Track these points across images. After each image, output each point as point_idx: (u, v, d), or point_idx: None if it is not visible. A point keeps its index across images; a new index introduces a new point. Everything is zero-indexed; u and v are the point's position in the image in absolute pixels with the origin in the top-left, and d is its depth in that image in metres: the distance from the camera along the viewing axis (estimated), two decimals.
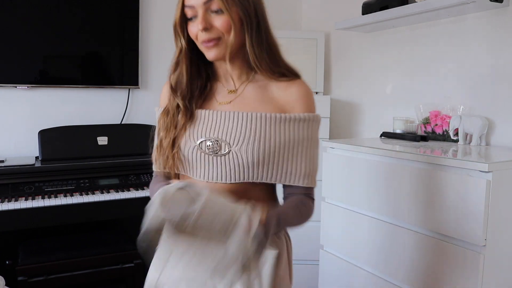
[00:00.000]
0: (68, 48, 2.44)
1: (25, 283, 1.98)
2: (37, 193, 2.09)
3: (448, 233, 1.56)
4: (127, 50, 2.58)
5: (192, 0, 1.03)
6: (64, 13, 2.41)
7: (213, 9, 1.02)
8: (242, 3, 1.03)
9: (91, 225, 2.47)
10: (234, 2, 1.02)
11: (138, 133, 2.47)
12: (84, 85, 2.52)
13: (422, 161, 1.65)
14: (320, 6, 2.97)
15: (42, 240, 2.24)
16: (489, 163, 1.44)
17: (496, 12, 1.91)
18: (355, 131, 2.72)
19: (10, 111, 2.40)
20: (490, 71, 1.95)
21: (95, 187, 2.21)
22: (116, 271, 2.17)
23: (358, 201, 1.92)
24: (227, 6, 1.01)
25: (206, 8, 1.02)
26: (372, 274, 1.87)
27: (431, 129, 2.14)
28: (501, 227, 1.50)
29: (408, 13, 2.06)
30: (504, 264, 1.54)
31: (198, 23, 1.02)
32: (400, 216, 1.73)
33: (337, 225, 2.04)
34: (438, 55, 2.18)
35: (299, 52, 2.74)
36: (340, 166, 2.00)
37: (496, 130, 1.93)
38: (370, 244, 1.86)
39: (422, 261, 1.65)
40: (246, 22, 1.04)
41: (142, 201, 2.18)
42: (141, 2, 2.61)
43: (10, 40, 2.31)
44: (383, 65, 2.50)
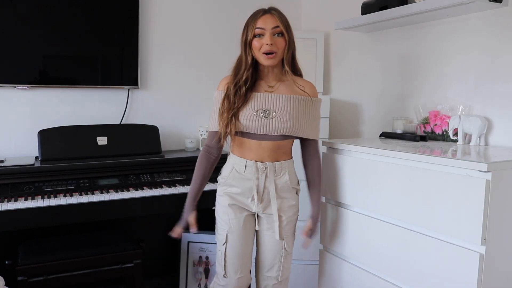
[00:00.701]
0: (67, 48, 2.45)
1: (25, 283, 1.98)
2: (37, 193, 2.10)
3: (447, 233, 1.56)
4: (127, 50, 2.58)
5: (263, 24, 1.67)
6: (63, 13, 2.41)
7: (276, 33, 1.68)
8: (290, 32, 1.71)
9: (91, 225, 2.47)
10: (287, 32, 1.70)
11: (137, 133, 2.47)
12: (84, 85, 2.52)
13: (422, 161, 1.65)
14: (319, 6, 2.97)
15: (42, 240, 2.25)
16: (488, 163, 1.44)
17: (496, 12, 1.91)
18: (354, 131, 2.72)
19: (10, 111, 2.40)
20: (489, 71, 1.95)
21: (94, 187, 2.21)
22: (116, 271, 2.17)
23: (358, 201, 1.92)
24: (285, 33, 1.69)
25: (272, 32, 1.67)
26: (372, 274, 1.87)
27: (430, 129, 2.14)
28: (500, 227, 1.50)
29: (408, 13, 2.06)
30: (503, 264, 1.54)
31: (267, 39, 1.66)
32: (400, 216, 1.74)
33: (337, 225, 2.04)
34: (437, 55, 2.18)
35: (299, 52, 2.69)
36: (340, 166, 2.00)
37: (495, 130, 1.93)
38: (370, 244, 1.87)
39: (420, 260, 1.65)
40: (289, 45, 1.71)
41: (142, 201, 2.20)
42: (141, 2, 2.61)
43: (10, 40, 2.31)
44: (382, 65, 2.50)
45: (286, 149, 1.79)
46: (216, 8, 2.87)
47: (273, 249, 1.81)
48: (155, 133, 2.52)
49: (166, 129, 2.70)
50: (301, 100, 1.74)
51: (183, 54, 2.80)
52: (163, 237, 2.71)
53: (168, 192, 2.26)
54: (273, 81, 1.76)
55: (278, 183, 1.76)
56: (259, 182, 1.75)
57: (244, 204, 1.78)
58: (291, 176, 1.79)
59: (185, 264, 2.65)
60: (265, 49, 1.66)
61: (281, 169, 1.76)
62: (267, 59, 1.68)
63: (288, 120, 1.70)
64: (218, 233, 1.82)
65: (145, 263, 2.26)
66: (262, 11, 1.70)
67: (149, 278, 2.61)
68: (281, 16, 1.70)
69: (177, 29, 2.77)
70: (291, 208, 1.80)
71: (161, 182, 2.35)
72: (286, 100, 1.72)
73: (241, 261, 1.79)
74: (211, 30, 2.86)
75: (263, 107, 1.70)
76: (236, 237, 1.77)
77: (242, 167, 1.76)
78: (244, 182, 1.76)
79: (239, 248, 1.78)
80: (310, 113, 1.76)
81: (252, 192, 1.75)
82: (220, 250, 1.80)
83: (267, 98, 1.72)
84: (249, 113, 1.70)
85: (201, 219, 2.44)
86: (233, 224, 1.77)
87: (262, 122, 1.69)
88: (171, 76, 2.77)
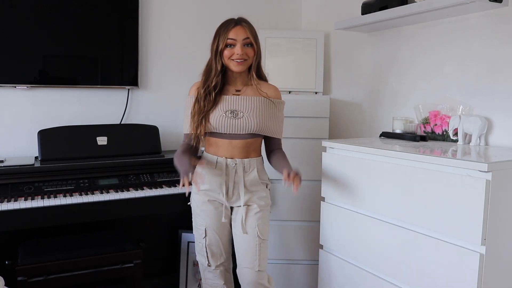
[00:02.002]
0: (67, 48, 2.45)
1: (24, 283, 1.98)
2: (37, 193, 2.09)
3: (447, 233, 1.56)
4: (127, 50, 2.58)
5: (235, 35, 1.81)
6: (63, 13, 2.41)
7: (246, 43, 1.83)
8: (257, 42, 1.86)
9: (91, 225, 2.47)
10: (256, 42, 1.85)
11: (137, 133, 2.47)
12: (84, 85, 2.52)
13: (422, 161, 1.65)
14: (319, 6, 2.97)
15: (42, 240, 2.25)
16: (488, 163, 1.44)
17: (496, 12, 1.91)
18: (354, 131, 2.72)
19: (9, 111, 2.40)
20: (489, 71, 1.95)
21: (94, 187, 2.21)
22: (116, 271, 2.17)
23: (358, 201, 1.92)
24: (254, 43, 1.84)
25: (243, 43, 1.82)
26: (372, 274, 1.87)
27: (430, 129, 2.14)
28: (500, 227, 1.50)
29: (408, 13, 2.06)
30: (503, 264, 1.54)
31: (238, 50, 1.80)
32: (400, 216, 1.74)
33: (337, 225, 2.04)
34: (437, 55, 2.18)
35: (299, 52, 2.74)
36: (340, 166, 2.00)
37: (496, 130, 1.93)
38: (370, 244, 1.87)
39: (420, 260, 1.65)
40: (257, 54, 1.87)
41: (141, 201, 2.20)
42: (141, 2, 2.61)
43: (9, 40, 2.31)
44: (382, 65, 2.50)
45: (255, 147, 1.91)
46: (215, 8, 2.87)
47: (247, 239, 1.88)
48: (155, 133, 2.52)
49: (166, 129, 2.70)
50: (265, 102, 1.88)
51: (183, 54, 2.80)
52: (163, 237, 2.72)
53: (168, 192, 2.26)
54: (240, 85, 1.91)
55: (247, 178, 1.88)
56: (229, 178, 1.86)
57: (218, 199, 1.89)
58: (259, 172, 1.91)
59: (185, 264, 2.65)
60: (236, 57, 1.81)
61: (249, 165, 1.88)
62: (237, 65, 1.82)
63: (254, 119, 1.84)
64: (197, 227, 1.93)
65: (145, 263, 2.26)
66: (233, 23, 1.83)
67: (149, 278, 2.61)
68: (250, 28, 1.84)
69: (177, 29, 2.77)
70: (262, 199, 1.90)
71: (161, 182, 2.35)
72: (252, 102, 1.87)
73: (220, 250, 1.93)
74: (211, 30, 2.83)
75: (231, 108, 1.85)
76: (214, 230, 1.90)
77: (213, 164, 1.87)
78: (215, 178, 1.87)
79: (218, 240, 1.91)
80: (274, 114, 1.91)
81: (223, 187, 1.86)
82: (201, 243, 1.92)
83: (235, 100, 1.87)
84: (219, 114, 1.84)
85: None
86: (211, 219, 1.89)
87: (231, 122, 1.83)
88: (171, 76, 2.77)
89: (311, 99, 2.53)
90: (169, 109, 2.76)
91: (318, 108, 2.49)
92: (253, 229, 1.87)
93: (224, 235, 1.94)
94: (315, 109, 2.49)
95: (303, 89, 2.71)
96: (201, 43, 2.83)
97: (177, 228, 2.70)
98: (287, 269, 2.56)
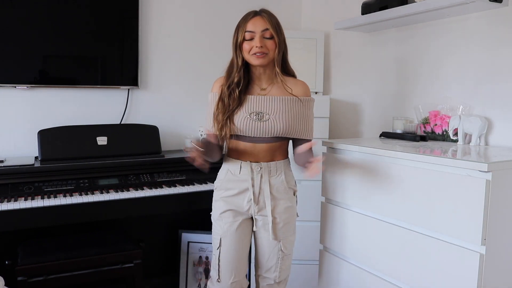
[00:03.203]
0: (67, 48, 2.44)
1: (24, 283, 1.98)
2: (37, 193, 2.09)
3: (447, 233, 1.56)
4: (127, 50, 2.58)
5: (253, 27, 1.68)
6: (63, 13, 2.40)
7: (266, 36, 1.69)
8: (280, 34, 1.71)
9: (91, 225, 2.47)
10: (278, 34, 1.70)
11: (137, 133, 2.47)
12: (84, 85, 2.52)
13: (422, 161, 1.65)
14: (319, 6, 2.97)
15: (42, 240, 2.25)
16: (488, 163, 1.44)
17: (496, 12, 1.91)
18: (354, 131, 2.72)
19: (9, 111, 2.40)
20: (489, 71, 1.95)
21: (94, 187, 2.21)
22: (116, 271, 2.17)
23: (358, 201, 1.92)
24: (275, 35, 1.69)
25: (262, 35, 1.68)
26: (372, 274, 1.87)
27: (430, 129, 2.14)
28: (500, 227, 1.50)
29: (408, 13, 2.06)
30: (503, 264, 1.54)
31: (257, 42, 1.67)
32: (400, 216, 1.74)
33: (337, 225, 2.04)
34: (437, 55, 2.18)
35: (299, 52, 2.74)
36: (340, 166, 2.00)
37: (496, 130, 1.93)
38: (370, 244, 1.87)
39: (421, 260, 1.65)
40: (279, 47, 1.71)
41: (141, 201, 2.20)
42: (141, 2, 2.61)
43: (9, 40, 2.31)
44: (382, 65, 2.50)
45: (281, 150, 1.80)
46: (215, 8, 2.87)
47: (269, 251, 1.80)
48: (155, 133, 2.51)
49: (166, 129, 2.70)
50: (293, 101, 1.74)
51: (183, 54, 2.80)
52: (163, 237, 2.72)
53: (168, 192, 2.26)
54: (265, 84, 1.77)
55: (273, 183, 1.76)
56: (255, 183, 1.74)
57: (240, 207, 1.76)
58: (287, 176, 1.79)
59: (185, 264, 2.65)
60: (255, 50, 1.68)
61: (276, 169, 1.76)
62: (256, 59, 1.69)
63: (281, 122, 1.71)
64: (213, 238, 1.81)
65: (145, 263, 2.26)
66: (252, 14, 1.71)
67: (149, 278, 2.61)
68: (271, 19, 1.70)
69: (177, 29, 2.77)
70: (287, 210, 1.78)
71: (161, 182, 2.35)
72: (278, 102, 1.73)
73: (235, 265, 1.77)
74: (211, 30, 2.86)
75: (256, 110, 1.72)
76: (229, 241, 1.76)
77: (237, 169, 1.76)
78: (239, 184, 1.76)
79: (233, 253, 1.76)
80: (303, 113, 1.76)
81: (247, 193, 1.75)
82: (215, 255, 1.79)
83: (260, 100, 1.73)
84: (243, 116, 1.72)
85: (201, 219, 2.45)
86: (227, 229, 1.76)
87: (256, 125, 1.71)
88: (171, 76, 2.77)
89: None
90: (169, 109, 2.76)
91: (318, 108, 2.48)
92: (276, 244, 1.78)
93: (241, 248, 1.78)
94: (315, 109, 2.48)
95: None
96: (201, 43, 2.84)
97: (177, 228, 2.70)
98: None
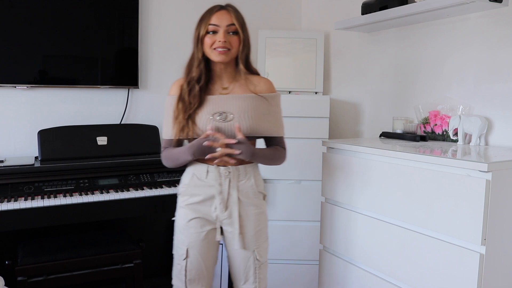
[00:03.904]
0: (67, 48, 2.44)
1: (24, 283, 1.98)
2: (37, 193, 2.09)
3: (447, 233, 1.56)
4: (127, 50, 2.58)
5: (218, 21, 1.58)
6: (63, 13, 2.40)
7: (230, 31, 1.59)
8: (245, 31, 1.62)
9: (91, 225, 2.47)
10: (243, 30, 1.60)
11: (137, 133, 2.47)
12: (84, 85, 2.52)
13: (422, 161, 1.65)
14: (319, 6, 2.97)
15: (42, 240, 2.24)
16: (488, 163, 1.44)
17: (496, 12, 1.91)
18: (354, 131, 2.72)
19: (9, 111, 2.40)
20: (489, 71, 1.95)
21: (94, 187, 2.21)
22: (116, 271, 2.17)
23: (358, 201, 1.92)
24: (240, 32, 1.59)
25: (227, 30, 1.58)
26: (372, 274, 1.87)
27: (430, 129, 2.14)
28: (500, 227, 1.50)
29: (408, 13, 2.06)
30: (503, 264, 1.54)
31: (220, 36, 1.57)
32: (400, 216, 1.73)
33: (337, 225, 2.04)
34: (437, 55, 2.18)
35: (299, 52, 2.74)
36: (340, 166, 2.00)
37: (496, 130, 1.93)
38: (370, 244, 1.87)
39: (421, 260, 1.65)
40: (243, 44, 1.61)
41: (141, 201, 2.20)
42: (141, 2, 2.61)
43: (9, 40, 2.31)
44: (382, 65, 2.50)
45: None
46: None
47: (245, 262, 1.68)
48: (155, 133, 2.51)
49: None
50: (258, 99, 1.63)
51: (183, 54, 2.77)
52: (163, 237, 2.72)
53: (168, 192, 2.26)
54: (227, 82, 1.66)
55: (242, 188, 1.63)
56: (223, 189, 1.62)
57: (208, 215, 1.64)
58: (257, 180, 1.67)
59: None
60: (218, 45, 1.57)
61: (245, 172, 1.64)
62: (218, 55, 1.58)
63: (246, 121, 1.59)
64: (178, 247, 1.68)
65: (145, 263, 2.26)
66: (218, 7, 1.61)
67: (149, 278, 2.60)
68: (237, 14, 1.60)
69: (177, 29, 2.76)
70: (258, 216, 1.67)
71: (161, 182, 2.35)
72: (242, 100, 1.61)
73: (203, 276, 1.68)
74: None
75: (219, 110, 1.60)
76: (197, 252, 1.65)
77: (203, 173, 1.63)
78: (206, 189, 1.63)
79: (201, 263, 1.66)
80: (269, 110, 1.65)
81: (215, 200, 1.62)
82: (180, 265, 1.67)
83: (222, 100, 1.62)
84: (205, 118, 1.59)
85: None
86: (195, 239, 1.64)
87: (220, 127, 1.58)
88: (171, 76, 2.76)
89: (311, 99, 2.53)
90: None
91: (318, 108, 2.49)
92: (251, 252, 1.67)
93: (208, 259, 1.67)
94: (315, 109, 2.49)
95: (303, 89, 2.71)
96: None
97: None
98: (287, 269, 2.56)
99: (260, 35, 2.75)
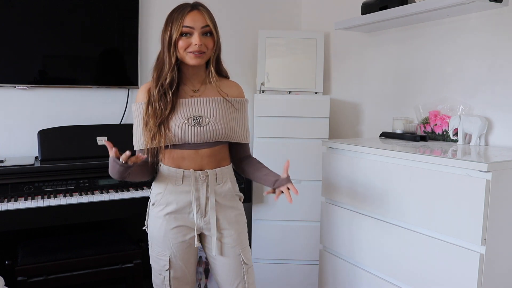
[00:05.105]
0: (67, 48, 2.44)
1: (24, 283, 1.98)
2: (37, 193, 2.09)
3: (447, 233, 1.56)
4: (127, 50, 2.58)
5: (192, 23, 1.51)
6: (63, 13, 2.40)
7: (205, 33, 1.53)
8: (217, 32, 1.57)
9: (91, 225, 2.47)
10: (216, 31, 1.56)
11: None
12: (84, 85, 2.52)
13: (422, 161, 1.65)
14: (319, 6, 2.97)
15: (42, 240, 2.25)
16: (488, 163, 1.44)
17: (496, 12, 1.91)
18: (354, 131, 2.72)
19: (9, 111, 2.40)
20: (489, 71, 1.95)
21: (94, 187, 2.21)
22: (116, 271, 2.17)
23: (358, 201, 1.92)
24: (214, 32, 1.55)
25: (202, 31, 1.52)
26: (372, 274, 1.87)
27: (430, 129, 2.14)
28: (500, 227, 1.50)
29: (408, 13, 2.06)
30: (503, 264, 1.54)
31: (196, 39, 1.50)
32: (400, 216, 1.74)
33: (337, 225, 2.04)
34: (437, 55, 2.18)
35: (299, 52, 2.74)
36: (340, 166, 2.00)
37: (496, 130, 1.93)
38: (370, 244, 1.87)
39: (420, 260, 1.65)
40: (216, 45, 1.58)
41: (141, 201, 2.20)
42: (141, 2, 2.61)
43: (9, 40, 2.31)
44: (382, 65, 2.50)
45: (224, 155, 1.64)
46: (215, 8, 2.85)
47: (231, 268, 1.63)
48: None
49: None
50: (228, 102, 1.61)
51: None
52: None
53: None
54: (197, 84, 1.61)
55: (220, 192, 1.59)
56: (200, 194, 1.57)
57: (188, 222, 1.59)
58: (233, 183, 1.65)
59: None
60: (194, 49, 1.51)
61: (222, 176, 1.60)
62: (194, 58, 1.52)
63: (221, 124, 1.56)
64: (158, 257, 1.63)
65: (145, 263, 2.26)
66: (189, 7, 1.53)
67: (149, 278, 2.60)
68: (209, 14, 1.55)
69: None
70: (238, 218, 1.64)
71: None
72: (216, 104, 1.58)
73: (186, 281, 1.65)
74: None
75: (194, 114, 1.55)
76: (180, 260, 1.61)
77: (178, 179, 1.56)
78: (182, 196, 1.57)
79: (184, 270, 1.63)
80: (238, 116, 1.63)
81: (193, 206, 1.56)
82: (163, 275, 1.62)
83: (196, 103, 1.57)
84: (180, 122, 1.53)
85: None
86: (177, 248, 1.59)
87: (196, 131, 1.53)
88: None
89: (311, 99, 2.53)
90: None
91: (318, 108, 2.49)
92: (237, 256, 1.62)
93: (190, 263, 1.65)
94: (315, 109, 2.49)
95: (303, 89, 2.71)
96: None
97: None
98: (287, 269, 2.56)
99: (260, 35, 2.75)
